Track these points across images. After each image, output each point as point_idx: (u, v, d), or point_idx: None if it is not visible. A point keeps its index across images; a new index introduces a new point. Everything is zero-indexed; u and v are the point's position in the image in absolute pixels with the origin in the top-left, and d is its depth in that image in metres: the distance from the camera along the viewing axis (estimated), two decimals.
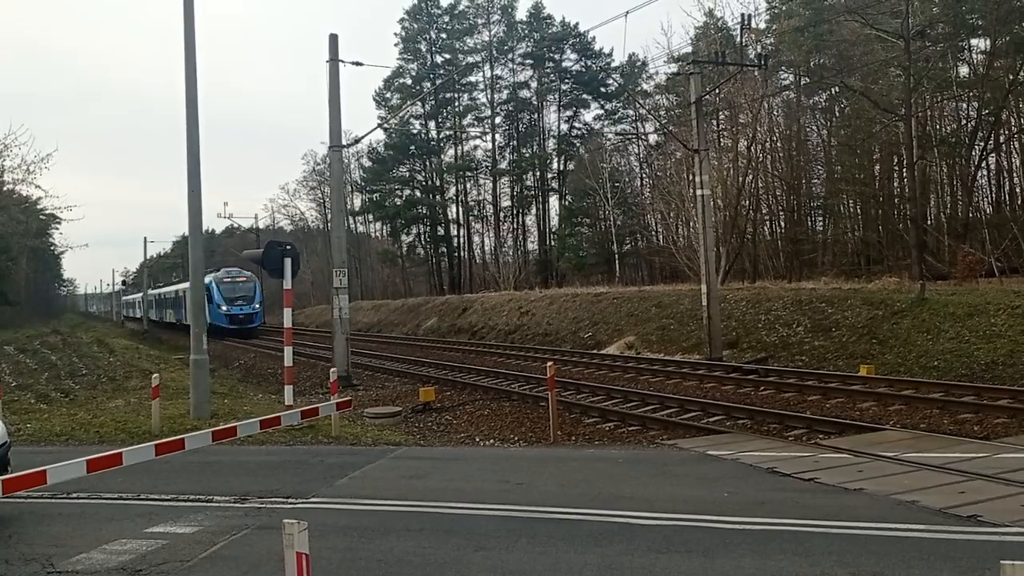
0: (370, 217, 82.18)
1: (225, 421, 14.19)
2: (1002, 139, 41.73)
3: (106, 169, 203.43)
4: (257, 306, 52.38)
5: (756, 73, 38.56)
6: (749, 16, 28.13)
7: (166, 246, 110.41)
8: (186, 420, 15.51)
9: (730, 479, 9.69)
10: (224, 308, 50.82)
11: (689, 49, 46.07)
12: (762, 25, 49.22)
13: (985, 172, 43.49)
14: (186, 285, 55.18)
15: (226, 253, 74.81)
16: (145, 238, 73.30)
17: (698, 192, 24.66)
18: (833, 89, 47.33)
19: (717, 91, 39.76)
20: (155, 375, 15.69)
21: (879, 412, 14.78)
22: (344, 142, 28.19)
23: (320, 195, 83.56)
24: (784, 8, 48.64)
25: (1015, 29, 37.71)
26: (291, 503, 9.29)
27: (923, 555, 6.60)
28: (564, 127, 72.62)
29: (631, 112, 67.68)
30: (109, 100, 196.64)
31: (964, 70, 43.50)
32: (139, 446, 7.03)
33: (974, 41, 42.98)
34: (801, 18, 46.14)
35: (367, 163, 78.02)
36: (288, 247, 15.98)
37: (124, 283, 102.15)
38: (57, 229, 65.60)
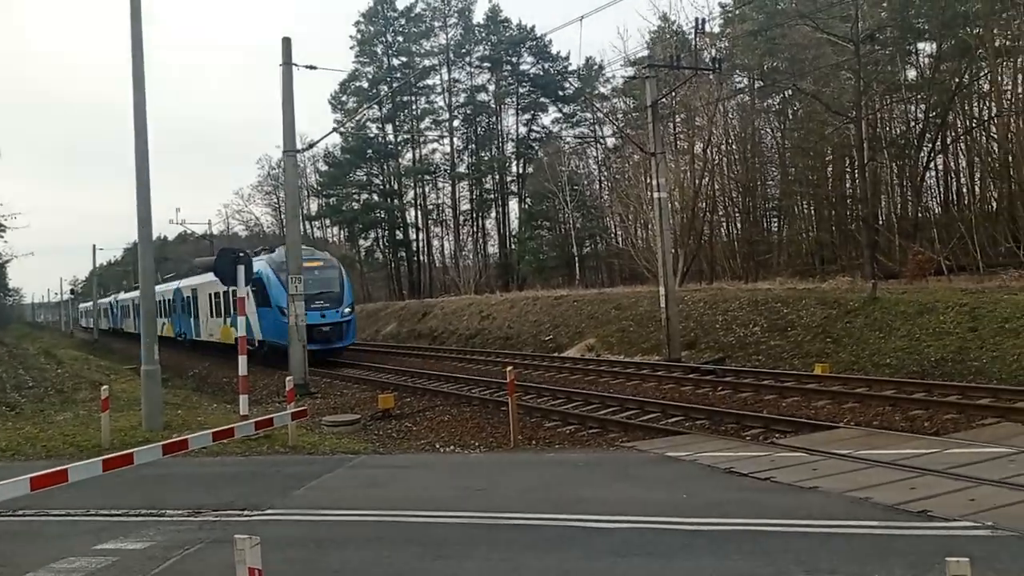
0: (327, 222, 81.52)
1: (179, 432, 13.95)
2: (949, 140, 42.69)
3: (53, 174, 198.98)
4: (347, 310, 30.90)
5: (711, 76, 38.98)
6: (703, 20, 28.60)
7: (116, 253, 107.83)
8: (138, 432, 15.19)
9: (689, 480, 9.76)
10: None
11: (645, 53, 46.44)
12: (716, 29, 49.85)
13: (933, 173, 44.48)
14: (187, 282, 41.77)
15: (179, 260, 73.32)
16: (94, 246, 71.85)
17: (655, 195, 24.82)
18: (786, 92, 48.04)
19: (673, 94, 40.13)
20: (104, 387, 15.36)
21: (833, 410, 14.98)
22: (299, 146, 27.91)
23: (276, 200, 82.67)
24: (737, 12, 49.27)
25: (960, 33, 38.66)
26: (247, 515, 9.14)
27: (876, 551, 6.69)
28: (523, 130, 72.84)
29: (589, 116, 68.04)
30: (58, 104, 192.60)
31: (912, 73, 44.47)
32: (85, 462, 6.87)
33: (921, 45, 44.02)
34: (754, 22, 46.78)
35: (323, 167, 77.45)
36: (242, 254, 15.75)
37: (73, 292, 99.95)
38: (1, 237, 63.71)
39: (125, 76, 16.15)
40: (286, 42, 23.02)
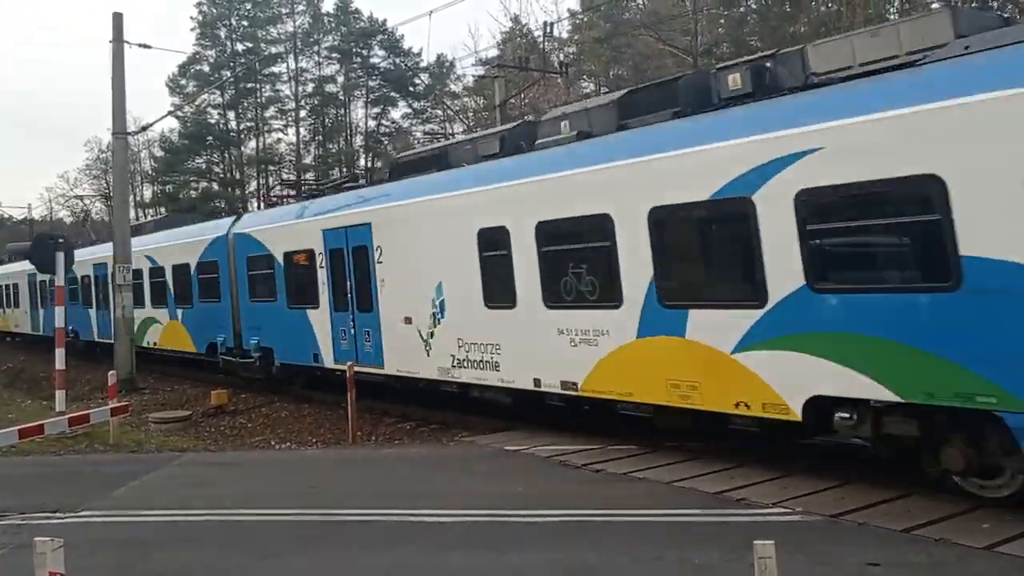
0: (163, 210, 77.46)
1: None
2: None
3: None
4: None
5: (559, 80, 39.81)
6: (552, 24, 29.09)
7: None
8: None
9: (525, 473, 9.88)
10: None
11: (495, 52, 46.93)
12: (564, 34, 50.97)
13: None
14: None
15: None
16: None
17: None
18: None
19: (522, 96, 40.72)
20: None
21: None
22: (131, 128, 26.41)
23: (105, 185, 77.64)
24: (585, 19, 50.59)
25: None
26: (58, 518, 8.56)
27: (697, 537, 7.01)
28: (372, 124, 71.85)
29: (440, 112, 67.95)
30: None
31: None
32: None
33: None
34: (601, 30, 48.18)
35: (160, 152, 73.52)
36: (60, 240, 14.71)
37: None
38: None
39: None
40: (117, 17, 21.76)
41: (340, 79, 70.40)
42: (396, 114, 71.84)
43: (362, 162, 71.33)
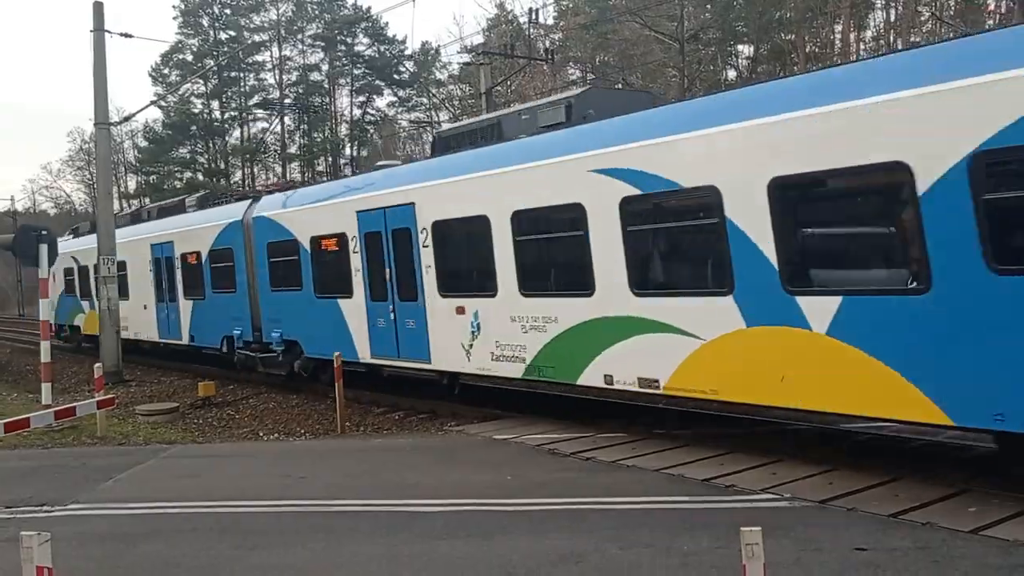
0: (147, 201, 77.02)
1: None
2: None
3: None
4: None
5: (545, 67, 39.70)
6: (537, 10, 29.04)
7: None
8: None
9: (513, 462, 9.88)
10: None
11: (481, 39, 46.73)
12: (550, 21, 50.80)
13: None
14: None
15: None
16: None
17: None
18: (616, 86, 49.64)
19: (508, 83, 40.58)
20: None
21: None
22: (114, 118, 26.19)
23: (88, 176, 77.09)
24: (570, 5, 50.44)
25: (775, 38, 41.43)
26: (45, 511, 8.50)
27: (687, 524, 7.02)
28: (357, 112, 71.50)
29: (425, 100, 67.68)
30: None
31: (732, 74, 47.19)
32: None
33: (741, 47, 46.78)
34: (587, 16, 48.04)
35: (143, 143, 72.96)
36: (43, 232, 14.58)
37: None
38: None
39: None
40: (98, 7, 21.54)
41: (324, 67, 69.99)
42: (381, 102, 71.59)
43: (348, 151, 71.09)
